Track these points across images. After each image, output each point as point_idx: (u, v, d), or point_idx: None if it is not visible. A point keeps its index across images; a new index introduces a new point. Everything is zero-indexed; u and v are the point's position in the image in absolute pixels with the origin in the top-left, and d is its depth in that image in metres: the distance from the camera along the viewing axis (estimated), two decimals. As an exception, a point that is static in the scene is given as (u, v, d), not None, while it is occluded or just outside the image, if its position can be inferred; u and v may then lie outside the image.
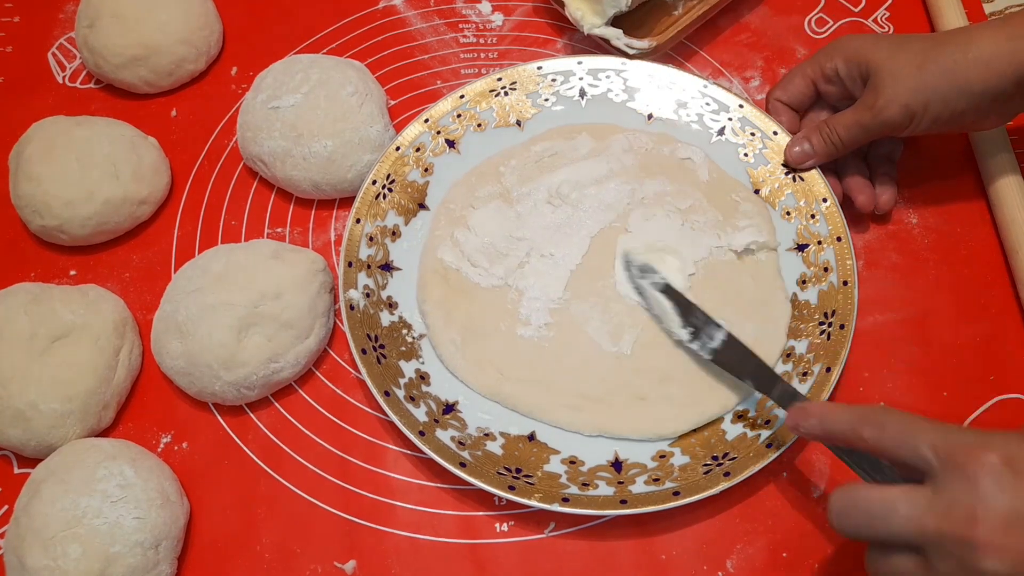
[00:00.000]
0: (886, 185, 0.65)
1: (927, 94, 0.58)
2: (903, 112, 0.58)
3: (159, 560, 0.54)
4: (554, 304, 0.61)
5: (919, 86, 0.58)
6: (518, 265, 0.63)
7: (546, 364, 0.59)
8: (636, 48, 0.70)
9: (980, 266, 0.65)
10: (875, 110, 0.59)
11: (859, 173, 0.65)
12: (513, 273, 0.62)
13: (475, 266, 0.63)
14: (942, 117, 0.58)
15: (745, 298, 0.61)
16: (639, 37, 0.71)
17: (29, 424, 0.57)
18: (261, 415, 0.61)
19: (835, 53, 0.62)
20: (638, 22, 0.73)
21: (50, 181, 0.64)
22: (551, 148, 0.68)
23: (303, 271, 0.61)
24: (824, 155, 0.63)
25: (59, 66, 0.77)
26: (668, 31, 0.71)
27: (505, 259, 0.63)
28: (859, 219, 0.67)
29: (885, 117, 0.59)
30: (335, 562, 0.56)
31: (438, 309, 0.61)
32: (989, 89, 0.57)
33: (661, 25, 0.73)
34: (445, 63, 0.76)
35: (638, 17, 0.73)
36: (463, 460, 0.55)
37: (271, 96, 0.67)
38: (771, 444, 0.55)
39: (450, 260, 0.63)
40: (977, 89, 0.57)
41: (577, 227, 0.64)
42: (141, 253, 0.68)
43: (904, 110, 0.58)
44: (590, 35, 0.71)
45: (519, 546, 0.56)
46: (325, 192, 0.67)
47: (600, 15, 0.70)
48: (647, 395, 0.58)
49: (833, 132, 0.62)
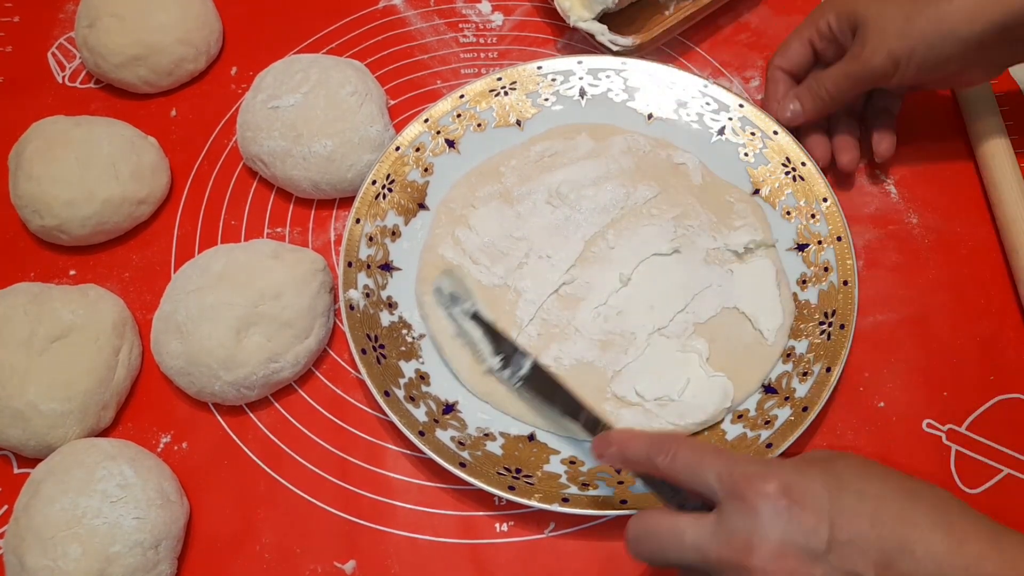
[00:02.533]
0: (884, 134, 0.66)
1: (913, 41, 0.59)
2: (889, 59, 0.60)
3: (159, 560, 0.54)
4: (545, 314, 0.61)
5: (905, 33, 0.59)
6: (517, 265, 0.63)
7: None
8: (619, 45, 0.71)
9: (980, 266, 0.65)
10: (862, 59, 0.60)
11: (849, 132, 0.67)
12: (512, 273, 0.62)
13: (476, 263, 0.63)
14: (927, 64, 0.59)
15: (746, 298, 0.61)
16: (628, 35, 0.71)
17: (28, 424, 0.57)
18: (261, 415, 0.61)
19: (827, 9, 0.64)
20: (628, 19, 0.73)
21: (50, 181, 0.64)
22: (551, 148, 0.68)
23: (303, 271, 0.61)
24: (814, 111, 0.64)
25: (59, 66, 0.77)
26: (654, 30, 0.72)
27: (505, 258, 0.63)
28: (859, 219, 0.67)
29: (872, 65, 0.60)
30: (335, 562, 0.56)
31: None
32: (974, 34, 0.57)
33: (652, 24, 0.73)
34: (445, 63, 0.76)
35: (629, 15, 0.74)
36: (463, 460, 0.55)
37: (271, 96, 0.67)
38: (771, 444, 0.55)
39: (451, 256, 0.63)
40: (963, 34, 0.58)
41: (574, 229, 0.64)
42: (141, 253, 0.68)
43: (890, 56, 0.59)
44: (576, 28, 0.72)
45: (519, 546, 0.56)
46: (325, 192, 0.67)
47: (589, 9, 0.71)
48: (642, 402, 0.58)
49: (821, 87, 0.63)
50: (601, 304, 0.61)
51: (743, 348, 0.60)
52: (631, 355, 0.59)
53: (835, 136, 0.67)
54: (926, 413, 0.60)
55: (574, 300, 0.61)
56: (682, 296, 0.61)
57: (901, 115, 0.70)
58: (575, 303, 0.61)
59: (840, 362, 0.58)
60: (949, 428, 0.59)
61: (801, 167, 0.65)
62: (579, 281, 0.62)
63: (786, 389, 0.58)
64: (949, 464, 0.58)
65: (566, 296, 0.62)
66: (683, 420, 0.57)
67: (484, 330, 0.58)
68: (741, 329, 0.60)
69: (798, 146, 0.66)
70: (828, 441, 0.59)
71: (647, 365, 0.59)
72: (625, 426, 0.57)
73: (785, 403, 0.57)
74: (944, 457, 0.58)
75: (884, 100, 0.67)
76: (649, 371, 0.59)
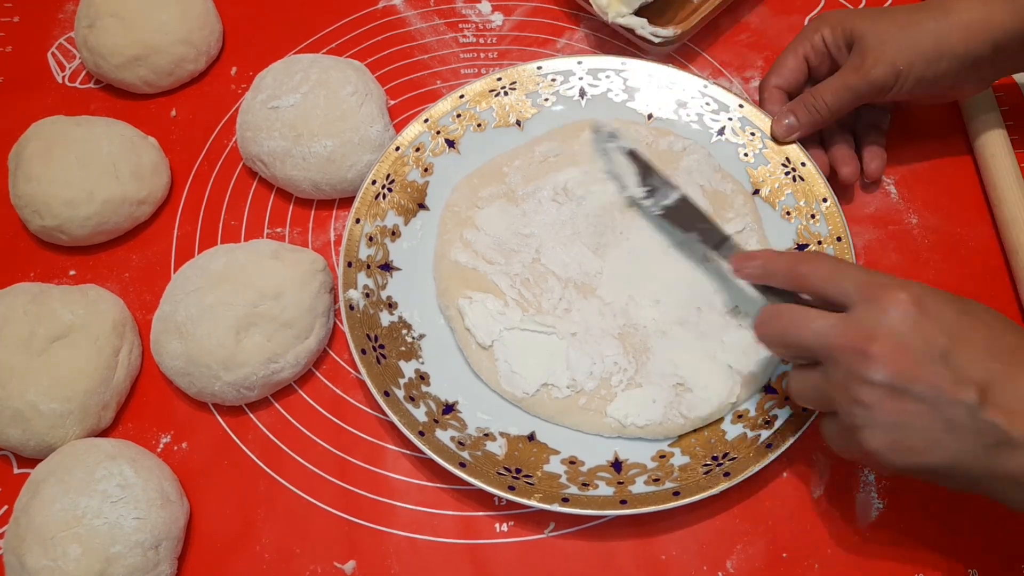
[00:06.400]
0: (875, 153, 0.67)
1: (912, 54, 0.60)
2: (890, 70, 0.60)
3: (159, 560, 0.54)
4: (567, 304, 0.61)
5: (904, 46, 0.60)
6: (532, 261, 0.63)
7: (558, 366, 0.59)
8: (661, 36, 0.70)
9: (980, 266, 0.65)
10: (862, 71, 0.61)
11: (845, 144, 0.67)
12: (528, 268, 0.62)
13: (491, 263, 0.63)
14: (925, 78, 0.60)
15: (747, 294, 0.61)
16: (661, 26, 0.71)
17: (28, 424, 0.57)
18: (261, 415, 0.61)
19: (821, 24, 0.64)
20: (657, 12, 0.73)
21: (50, 181, 0.64)
22: (555, 148, 0.68)
23: (303, 271, 0.61)
24: (809, 125, 0.64)
25: (59, 66, 0.77)
26: (691, 18, 0.71)
27: (518, 255, 0.63)
28: (859, 220, 0.67)
29: (872, 77, 0.60)
30: (335, 562, 0.56)
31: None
32: (970, 52, 0.59)
33: (683, 14, 0.73)
34: (445, 63, 0.76)
35: (658, 7, 0.73)
36: (463, 460, 0.55)
37: (271, 96, 0.67)
38: (771, 444, 0.55)
39: (465, 261, 0.63)
40: (959, 51, 0.59)
41: (582, 224, 0.64)
42: (140, 253, 0.68)
43: (891, 68, 0.60)
44: (613, 24, 0.71)
45: (519, 546, 0.56)
46: (325, 192, 0.67)
47: (627, 5, 0.70)
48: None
49: (818, 100, 0.63)
50: (608, 303, 0.61)
51: (745, 346, 0.60)
52: (649, 346, 0.59)
53: (832, 149, 0.67)
54: (926, 413, 0.60)
55: (589, 289, 0.61)
56: (686, 291, 0.61)
57: (900, 116, 0.70)
58: (590, 292, 0.61)
59: (840, 362, 0.58)
60: (949, 428, 0.59)
61: (801, 167, 0.65)
62: (591, 272, 0.62)
63: (786, 389, 0.58)
64: (949, 464, 0.58)
65: (582, 286, 0.62)
66: (691, 413, 0.57)
67: (638, 165, 0.63)
68: (744, 325, 0.60)
69: (798, 147, 0.66)
70: (828, 441, 0.59)
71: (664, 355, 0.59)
72: (636, 407, 0.57)
73: (785, 403, 0.57)
74: (944, 457, 0.58)
75: (873, 116, 0.68)
76: (666, 362, 0.59)
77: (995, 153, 0.67)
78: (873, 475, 0.57)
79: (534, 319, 0.60)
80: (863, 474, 0.58)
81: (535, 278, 0.62)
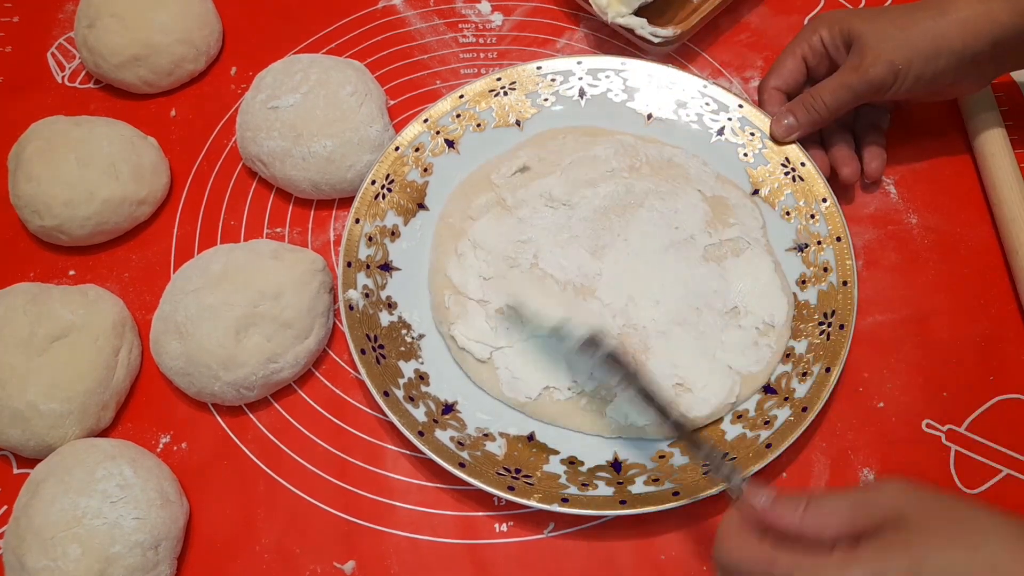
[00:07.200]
0: (875, 153, 0.67)
1: (910, 52, 0.60)
2: (889, 69, 0.60)
3: (159, 560, 0.54)
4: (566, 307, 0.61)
5: (902, 44, 0.60)
6: (530, 266, 0.62)
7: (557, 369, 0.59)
8: (661, 36, 0.70)
9: (980, 266, 0.65)
10: (861, 70, 0.61)
11: (845, 144, 0.67)
12: (526, 274, 0.62)
13: (486, 279, 0.62)
14: (924, 76, 0.60)
15: (747, 292, 0.61)
16: (661, 26, 0.71)
17: (28, 424, 0.57)
18: (260, 415, 0.61)
19: (819, 25, 0.64)
20: (657, 12, 0.73)
21: (49, 181, 0.64)
22: (536, 155, 0.67)
23: (302, 271, 0.61)
24: (808, 124, 0.64)
25: (58, 66, 0.77)
26: (691, 18, 0.72)
27: (516, 265, 0.62)
28: (858, 220, 0.67)
29: (872, 75, 0.60)
30: (334, 562, 0.56)
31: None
32: (968, 48, 0.59)
33: (683, 14, 0.73)
34: (444, 63, 0.76)
35: (657, 7, 0.73)
36: (462, 460, 0.55)
37: (270, 96, 0.67)
38: (770, 444, 0.55)
39: (459, 280, 0.62)
40: (957, 48, 0.59)
41: (579, 227, 0.64)
42: (140, 253, 0.68)
43: (890, 66, 0.60)
44: (613, 24, 0.71)
45: (519, 546, 0.56)
46: (324, 192, 0.67)
47: (626, 5, 0.70)
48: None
49: (817, 99, 0.63)
50: (607, 304, 0.61)
51: (744, 345, 0.60)
52: (649, 346, 0.59)
53: (832, 149, 0.67)
54: (926, 413, 0.60)
55: (588, 291, 0.61)
56: (685, 292, 0.61)
57: (900, 115, 0.70)
58: (589, 294, 0.61)
59: (839, 362, 0.58)
60: (949, 428, 0.59)
61: (800, 167, 0.65)
62: (590, 274, 0.62)
63: (786, 389, 0.58)
64: (948, 464, 0.58)
65: (581, 288, 0.61)
66: (690, 413, 0.57)
67: (620, 371, 0.52)
68: (743, 325, 0.60)
69: (798, 147, 0.66)
70: (828, 441, 0.59)
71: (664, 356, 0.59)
72: (635, 407, 0.56)
73: (785, 403, 0.57)
74: (944, 457, 0.58)
75: (873, 115, 0.68)
76: (666, 362, 0.59)
77: (994, 152, 0.67)
78: (872, 475, 0.57)
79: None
80: (863, 474, 0.58)
81: (533, 282, 0.62)
